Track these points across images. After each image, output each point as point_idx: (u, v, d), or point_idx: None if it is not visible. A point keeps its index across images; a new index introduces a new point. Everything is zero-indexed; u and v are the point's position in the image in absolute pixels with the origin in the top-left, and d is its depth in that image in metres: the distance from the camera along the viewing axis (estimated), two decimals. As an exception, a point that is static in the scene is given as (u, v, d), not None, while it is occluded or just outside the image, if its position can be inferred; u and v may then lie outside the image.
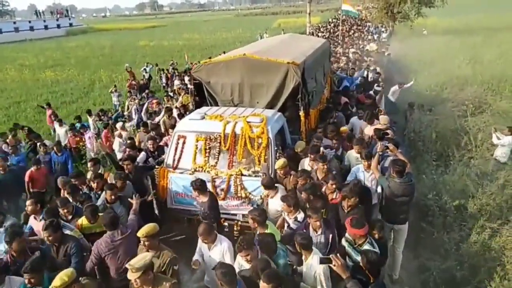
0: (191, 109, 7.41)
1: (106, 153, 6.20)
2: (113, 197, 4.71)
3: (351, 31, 28.22)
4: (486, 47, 19.63)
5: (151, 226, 3.68)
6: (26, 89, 19.91)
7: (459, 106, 10.58)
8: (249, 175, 5.18)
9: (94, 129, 9.92)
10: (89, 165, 5.97)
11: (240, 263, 3.62)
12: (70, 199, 4.78)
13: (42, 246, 4.02)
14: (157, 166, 5.70)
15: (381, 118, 6.88)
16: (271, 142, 5.21)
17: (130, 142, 7.13)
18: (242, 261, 3.53)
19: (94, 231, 4.28)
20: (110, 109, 13.39)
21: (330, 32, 28.56)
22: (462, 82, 13.21)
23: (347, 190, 4.33)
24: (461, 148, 8.18)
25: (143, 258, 3.18)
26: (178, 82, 14.56)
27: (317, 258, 3.45)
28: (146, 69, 18.15)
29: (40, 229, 4.09)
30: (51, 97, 17.69)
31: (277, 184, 4.95)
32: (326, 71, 9.31)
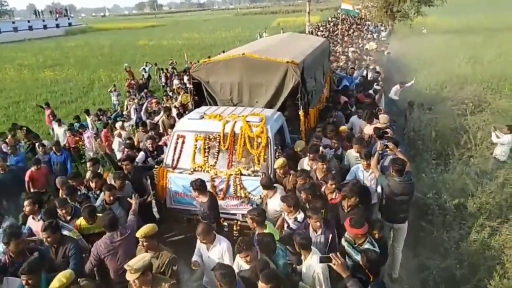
0: (190, 108, 7.40)
1: (105, 153, 6.18)
2: (111, 198, 4.68)
3: (351, 30, 28.20)
4: (486, 47, 19.62)
5: (150, 227, 3.66)
6: (25, 89, 19.88)
7: (459, 105, 10.58)
8: (248, 175, 5.16)
9: (92, 128, 9.90)
10: (88, 165, 5.96)
11: (239, 264, 3.61)
12: (68, 200, 4.75)
13: (41, 247, 3.99)
14: (156, 166, 5.69)
15: (380, 117, 6.88)
16: (271, 142, 5.20)
17: (128, 142, 7.11)
18: (242, 261, 3.52)
19: (93, 232, 4.27)
20: (109, 108, 13.38)
21: (329, 31, 28.55)
22: (462, 81, 13.20)
23: (347, 190, 4.31)
24: (460, 146, 8.17)
25: (142, 259, 3.15)
26: (177, 82, 14.55)
27: (316, 258, 3.44)
28: (145, 68, 18.13)
29: (38, 229, 4.07)
30: (50, 96, 17.66)
31: (276, 184, 4.94)
32: (325, 70, 9.29)
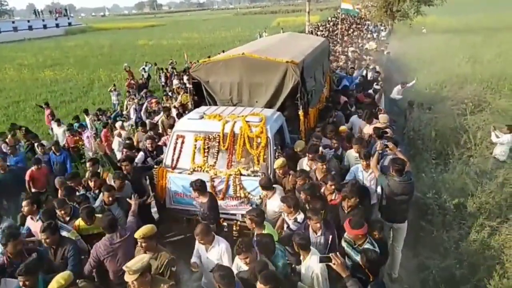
0: (190, 108, 7.39)
1: (104, 153, 6.15)
2: (110, 198, 4.66)
3: (350, 30, 28.18)
4: (486, 46, 19.59)
5: (149, 228, 3.64)
6: (25, 88, 19.87)
7: (459, 105, 10.56)
8: (248, 175, 5.15)
9: (91, 129, 9.89)
10: (88, 165, 5.94)
11: (238, 265, 3.60)
12: (67, 201, 4.72)
13: (39, 248, 3.97)
14: (155, 166, 5.69)
15: (380, 117, 6.87)
16: (270, 142, 5.19)
17: (127, 143, 7.09)
18: (241, 263, 3.51)
19: (92, 232, 4.25)
20: (109, 108, 13.38)
21: (329, 31, 28.54)
22: (461, 80, 13.18)
23: (347, 191, 4.29)
24: (460, 146, 8.16)
25: (141, 260, 3.14)
26: (176, 82, 14.54)
27: (315, 258, 3.43)
28: (145, 68, 18.13)
29: (37, 229, 4.06)
30: (50, 96, 17.66)
31: (275, 184, 4.93)
32: (325, 70, 9.28)
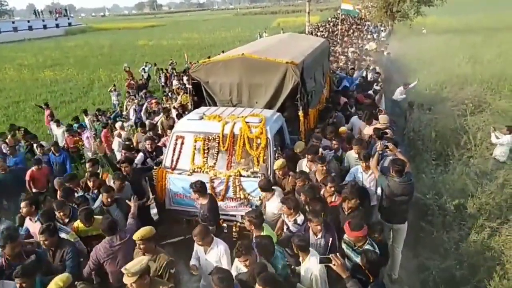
0: (190, 109, 7.38)
1: (104, 155, 6.13)
2: (109, 199, 4.62)
3: (350, 31, 28.18)
4: (486, 47, 19.59)
5: (147, 229, 3.62)
6: (25, 88, 19.87)
7: (459, 105, 10.58)
8: (247, 176, 5.14)
9: (90, 129, 9.87)
10: (87, 165, 5.93)
11: (238, 267, 3.59)
12: (66, 202, 4.69)
13: (38, 249, 3.95)
14: (155, 167, 5.67)
15: (380, 117, 6.86)
16: (270, 143, 5.18)
17: (126, 144, 7.07)
18: (240, 265, 3.50)
19: (91, 234, 4.22)
20: (109, 108, 13.38)
21: (329, 31, 28.57)
22: (461, 81, 13.19)
23: (347, 192, 4.27)
24: (460, 147, 8.16)
25: (139, 262, 3.12)
26: (176, 82, 14.54)
27: (314, 259, 3.43)
28: (145, 68, 18.14)
29: (36, 231, 4.03)
30: (50, 96, 17.65)
31: (275, 185, 4.92)
32: (325, 71, 9.28)
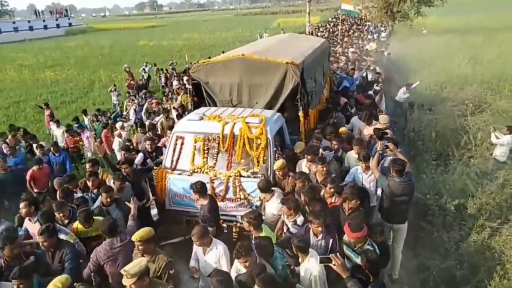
0: (190, 109, 7.38)
1: (104, 156, 6.11)
2: (108, 199, 4.60)
3: (351, 31, 28.19)
4: (486, 47, 19.59)
5: (146, 231, 3.60)
6: (26, 89, 19.89)
7: (459, 106, 10.58)
8: (247, 176, 5.13)
9: (90, 129, 9.87)
10: (87, 166, 5.92)
11: (238, 268, 3.59)
12: (66, 203, 4.67)
13: (37, 250, 3.93)
14: (155, 167, 5.67)
15: (380, 117, 6.86)
16: (270, 143, 5.18)
17: (125, 144, 7.06)
18: (240, 266, 3.49)
19: (90, 235, 4.21)
20: (109, 109, 13.38)
21: (329, 31, 28.55)
22: (462, 81, 13.19)
23: (348, 193, 4.26)
24: (460, 147, 8.16)
25: (138, 264, 3.10)
26: (176, 83, 14.54)
27: (313, 260, 3.42)
28: (145, 69, 18.15)
29: (35, 231, 4.01)
30: (51, 97, 17.67)
31: (275, 185, 4.92)
32: (325, 71, 9.27)
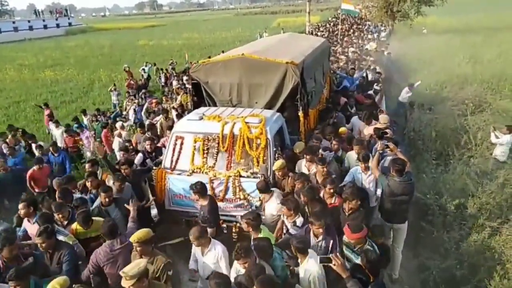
0: (189, 109, 7.37)
1: (103, 157, 6.10)
2: (107, 199, 4.57)
3: (351, 30, 28.15)
4: (486, 46, 19.57)
5: (144, 232, 3.57)
6: (26, 88, 19.89)
7: (459, 105, 10.57)
8: (247, 176, 5.12)
9: (89, 129, 9.86)
10: (87, 166, 5.91)
11: (237, 269, 3.58)
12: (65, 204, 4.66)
13: (35, 252, 3.91)
14: (154, 168, 5.66)
15: (380, 117, 6.85)
16: (270, 143, 5.17)
17: (124, 145, 7.04)
18: (240, 267, 3.48)
19: (89, 236, 4.19)
20: (108, 108, 13.37)
21: (329, 31, 28.53)
22: (462, 81, 13.18)
23: (348, 193, 4.25)
24: (460, 147, 8.16)
25: (137, 265, 3.08)
26: (175, 83, 14.53)
27: (312, 261, 3.42)
28: (144, 68, 18.15)
29: (34, 232, 3.99)
30: (51, 96, 17.68)
31: (275, 186, 4.91)
32: (325, 71, 9.26)
